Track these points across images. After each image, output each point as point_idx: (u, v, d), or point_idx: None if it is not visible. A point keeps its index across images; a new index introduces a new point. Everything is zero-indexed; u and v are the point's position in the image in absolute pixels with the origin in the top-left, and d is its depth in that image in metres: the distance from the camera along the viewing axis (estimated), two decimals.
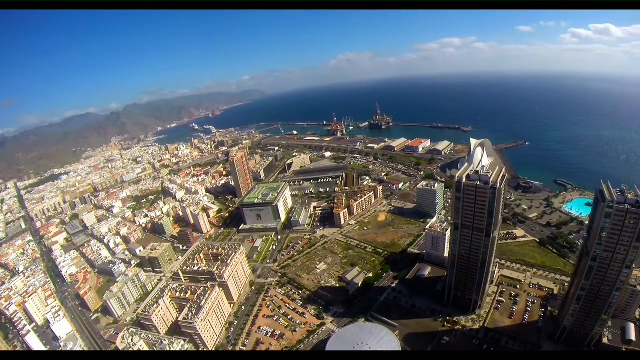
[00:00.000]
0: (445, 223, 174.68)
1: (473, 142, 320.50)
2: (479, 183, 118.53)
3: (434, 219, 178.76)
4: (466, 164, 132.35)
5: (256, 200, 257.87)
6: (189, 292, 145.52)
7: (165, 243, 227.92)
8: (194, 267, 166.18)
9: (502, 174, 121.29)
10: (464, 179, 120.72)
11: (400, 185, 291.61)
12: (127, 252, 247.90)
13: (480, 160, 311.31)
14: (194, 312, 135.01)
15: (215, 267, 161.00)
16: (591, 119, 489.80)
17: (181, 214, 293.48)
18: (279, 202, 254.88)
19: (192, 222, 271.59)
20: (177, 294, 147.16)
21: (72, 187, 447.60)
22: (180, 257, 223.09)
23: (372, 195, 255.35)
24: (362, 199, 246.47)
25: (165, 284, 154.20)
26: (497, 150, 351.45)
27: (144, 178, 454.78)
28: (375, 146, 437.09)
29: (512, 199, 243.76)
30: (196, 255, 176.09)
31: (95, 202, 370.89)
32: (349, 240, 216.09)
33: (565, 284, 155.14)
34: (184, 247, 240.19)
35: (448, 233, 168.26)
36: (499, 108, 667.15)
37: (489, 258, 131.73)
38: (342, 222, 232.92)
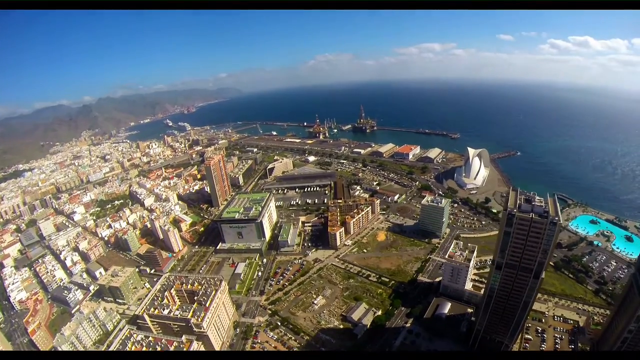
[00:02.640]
0: (467, 251, 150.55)
1: (471, 151, 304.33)
2: (533, 216, 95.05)
3: (452, 246, 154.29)
4: (511, 189, 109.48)
5: (237, 215, 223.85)
6: (159, 348, 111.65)
7: (130, 268, 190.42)
8: (163, 309, 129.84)
9: (555, 203, 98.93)
10: (516, 211, 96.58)
11: (396, 197, 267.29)
12: (85, 275, 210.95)
13: (478, 171, 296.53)
14: None
15: (191, 312, 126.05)
16: (576, 129, 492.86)
17: (149, 225, 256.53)
18: (264, 217, 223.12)
19: (161, 237, 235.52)
20: (144, 348, 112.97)
21: (34, 187, 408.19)
22: (147, 284, 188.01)
23: (369, 210, 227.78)
24: (359, 215, 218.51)
25: (128, 333, 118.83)
26: (490, 160, 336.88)
27: (110, 179, 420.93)
28: (362, 151, 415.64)
29: None
30: (166, 292, 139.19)
31: (56, 206, 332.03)
32: (348, 266, 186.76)
33: (595, 317, 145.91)
34: (152, 271, 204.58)
35: (471, 264, 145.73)
36: (482, 115, 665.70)
37: (533, 300, 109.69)
38: (338, 242, 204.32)
